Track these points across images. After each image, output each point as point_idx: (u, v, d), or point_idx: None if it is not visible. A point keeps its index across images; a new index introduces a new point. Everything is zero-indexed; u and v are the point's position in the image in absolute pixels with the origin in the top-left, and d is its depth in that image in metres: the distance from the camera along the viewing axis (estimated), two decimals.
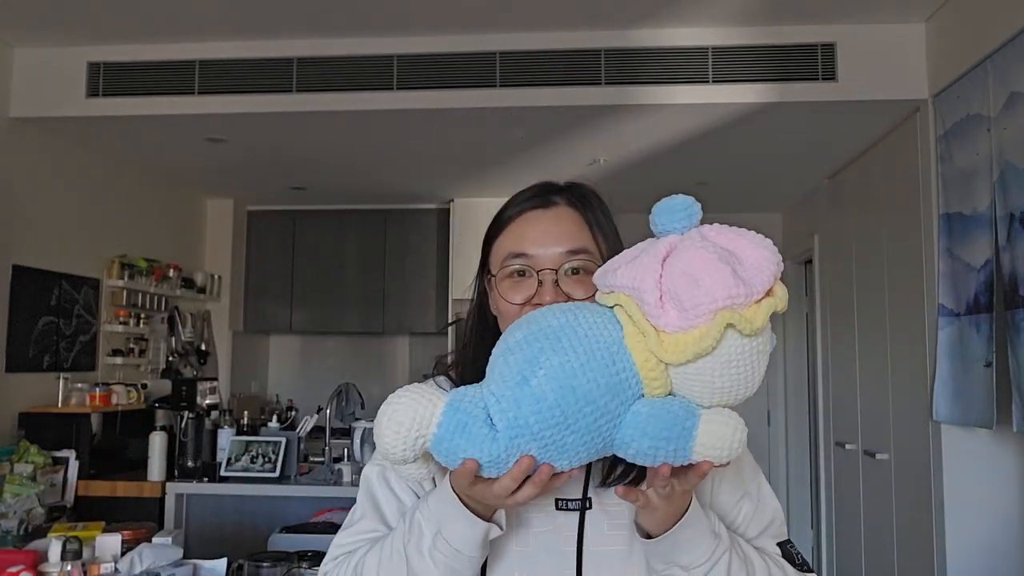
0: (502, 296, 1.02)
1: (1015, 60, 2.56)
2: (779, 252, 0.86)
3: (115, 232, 4.39)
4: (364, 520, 1.03)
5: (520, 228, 1.05)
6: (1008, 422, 2.55)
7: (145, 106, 3.54)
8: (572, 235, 1.03)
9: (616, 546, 0.98)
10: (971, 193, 2.83)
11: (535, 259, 1.02)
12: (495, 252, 1.06)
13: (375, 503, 1.04)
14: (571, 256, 1.02)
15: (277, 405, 5.59)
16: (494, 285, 1.04)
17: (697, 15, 3.20)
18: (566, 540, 0.98)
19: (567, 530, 0.98)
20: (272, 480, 3.48)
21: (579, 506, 0.99)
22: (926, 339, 3.18)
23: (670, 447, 0.83)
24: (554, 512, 0.99)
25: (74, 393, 3.76)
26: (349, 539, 1.03)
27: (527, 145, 4.00)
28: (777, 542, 1.05)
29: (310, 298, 5.59)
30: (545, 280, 1.01)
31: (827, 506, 4.63)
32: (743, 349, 0.82)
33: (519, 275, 1.02)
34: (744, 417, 0.85)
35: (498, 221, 1.08)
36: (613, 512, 0.99)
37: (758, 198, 5.22)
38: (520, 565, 0.98)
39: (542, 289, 1.00)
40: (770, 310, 0.82)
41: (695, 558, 0.94)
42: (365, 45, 3.43)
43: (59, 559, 2.15)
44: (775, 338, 0.87)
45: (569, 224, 1.04)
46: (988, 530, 2.98)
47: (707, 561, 0.94)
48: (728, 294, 0.81)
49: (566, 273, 1.02)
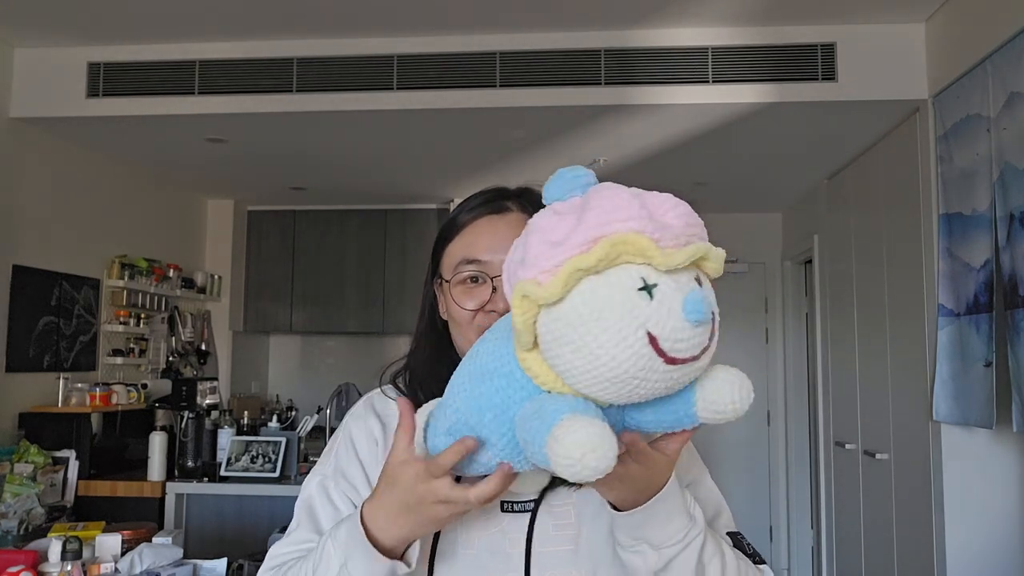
0: (455, 302, 1.02)
1: (1015, 60, 2.56)
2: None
3: (115, 232, 4.39)
4: (299, 530, 1.03)
5: (473, 234, 1.04)
6: (1008, 422, 2.55)
7: (145, 106, 3.54)
8: None
9: (563, 546, 0.98)
10: (971, 193, 2.83)
11: (489, 265, 1.01)
12: (447, 257, 1.05)
13: (312, 512, 1.04)
14: None
15: (277, 405, 5.58)
16: (446, 291, 1.04)
17: (697, 15, 3.20)
18: (512, 542, 0.97)
19: (513, 532, 0.98)
20: (272, 480, 3.48)
21: (525, 507, 0.98)
22: (926, 339, 3.18)
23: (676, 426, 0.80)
24: (499, 514, 0.98)
25: (74, 393, 3.77)
26: (283, 550, 1.01)
27: (527, 145, 4.00)
28: (729, 531, 1.02)
29: (310, 298, 5.59)
30: (499, 287, 0.98)
31: (827, 506, 4.63)
32: (659, 293, 0.70)
33: (472, 281, 1.02)
34: (744, 417, 0.83)
35: (450, 226, 1.07)
36: (558, 512, 0.99)
37: (758, 198, 5.22)
38: (465, 567, 0.97)
39: (496, 296, 1.00)
40: (695, 254, 0.72)
41: (668, 536, 0.90)
42: (365, 45, 3.43)
43: (59, 559, 2.15)
44: (714, 308, 0.74)
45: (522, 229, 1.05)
46: (988, 530, 2.98)
47: (679, 542, 0.90)
48: (629, 215, 0.71)
49: None
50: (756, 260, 5.63)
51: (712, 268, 0.76)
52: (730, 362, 0.81)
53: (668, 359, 0.70)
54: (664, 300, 0.70)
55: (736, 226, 5.60)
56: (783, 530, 5.48)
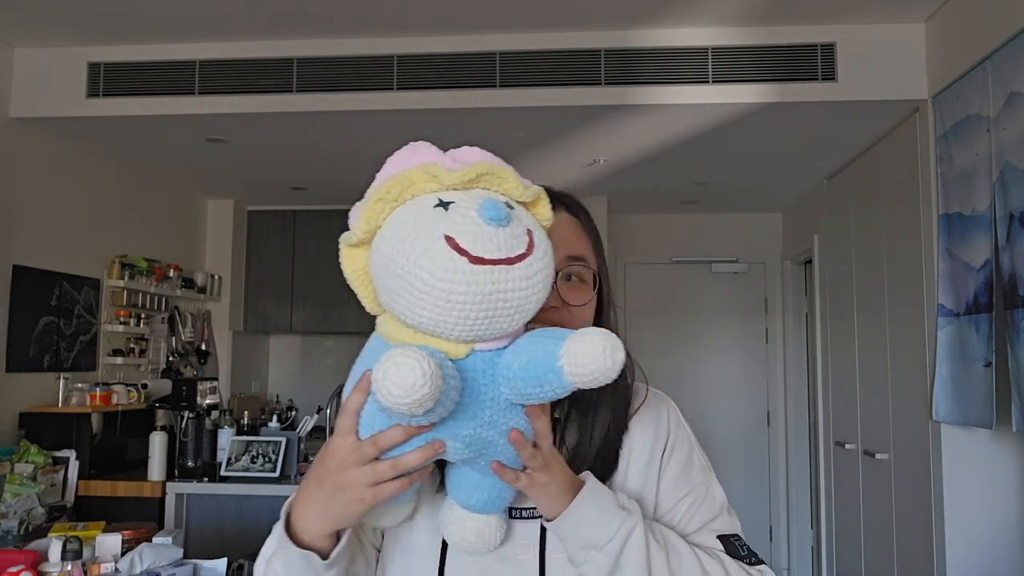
0: None
1: (1014, 60, 2.56)
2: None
3: (115, 232, 4.39)
4: None
5: None
6: (1008, 422, 2.55)
7: (145, 106, 3.54)
8: (573, 242, 1.04)
9: None
10: (970, 193, 2.83)
11: None
12: None
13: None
14: (571, 262, 1.03)
15: (277, 405, 5.58)
16: None
17: (697, 15, 3.20)
18: (521, 548, 0.97)
19: (522, 538, 0.97)
20: (272, 480, 3.48)
21: (534, 514, 0.98)
22: (926, 339, 3.18)
23: (545, 387, 0.80)
24: (508, 520, 0.98)
25: (74, 393, 3.77)
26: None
27: (527, 145, 4.00)
28: (720, 535, 1.01)
29: (310, 298, 5.59)
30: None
31: (827, 506, 4.63)
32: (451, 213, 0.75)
33: None
34: (744, 418, 0.83)
35: None
36: None
37: (758, 198, 5.22)
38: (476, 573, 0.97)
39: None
40: (477, 170, 0.77)
41: (604, 531, 0.90)
42: (365, 45, 3.43)
43: (59, 559, 2.15)
44: (530, 225, 0.78)
45: (570, 230, 1.05)
46: (988, 530, 2.98)
47: (616, 534, 0.91)
48: (423, 156, 0.79)
49: (564, 278, 1.02)
50: (756, 260, 5.63)
51: (510, 188, 0.80)
52: (730, 362, 0.82)
53: (473, 258, 0.73)
54: (459, 209, 0.75)
55: (736, 226, 5.60)
56: (783, 530, 5.48)
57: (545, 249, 0.79)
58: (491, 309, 0.75)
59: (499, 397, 0.81)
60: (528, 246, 0.76)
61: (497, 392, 0.81)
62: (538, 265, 0.77)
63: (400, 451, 0.83)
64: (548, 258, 0.79)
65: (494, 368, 0.81)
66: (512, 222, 0.76)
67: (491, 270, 0.73)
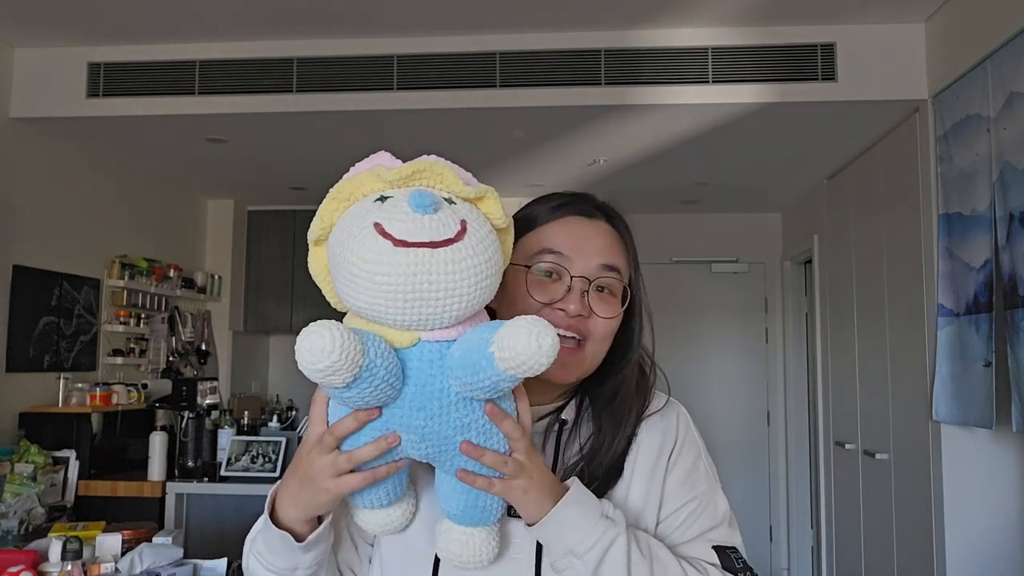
0: (528, 291, 0.99)
1: (1014, 60, 2.56)
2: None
3: (115, 232, 4.39)
4: None
5: (561, 229, 1.03)
6: (1007, 422, 2.55)
7: (145, 106, 3.54)
8: (610, 251, 1.03)
9: None
10: (970, 193, 2.83)
11: (572, 263, 1.00)
12: (521, 246, 1.01)
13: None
14: (605, 271, 1.01)
15: (277, 405, 5.58)
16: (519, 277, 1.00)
17: (697, 15, 3.20)
18: (517, 547, 0.97)
19: (517, 537, 0.97)
20: (272, 480, 3.47)
21: None
22: (926, 339, 3.18)
23: (479, 375, 0.80)
24: (505, 518, 0.97)
25: (74, 393, 3.77)
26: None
27: (527, 145, 4.00)
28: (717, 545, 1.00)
29: (310, 298, 5.58)
30: (575, 288, 0.99)
31: (827, 506, 4.63)
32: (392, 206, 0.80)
33: (547, 275, 1.00)
34: (744, 417, 0.83)
35: (530, 216, 1.05)
36: None
37: (758, 198, 5.22)
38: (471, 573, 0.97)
39: (570, 296, 0.99)
40: (416, 166, 0.83)
41: (584, 539, 0.89)
42: (365, 45, 3.43)
43: (59, 559, 2.15)
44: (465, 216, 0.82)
45: (609, 240, 1.04)
46: (988, 530, 2.98)
47: (598, 543, 0.89)
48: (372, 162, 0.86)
49: (595, 287, 1.01)
50: (756, 260, 5.63)
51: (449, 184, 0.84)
52: (730, 362, 0.82)
53: (396, 241, 0.77)
54: (393, 201, 0.80)
55: (736, 226, 5.60)
56: (783, 530, 5.48)
57: (481, 239, 0.80)
58: (417, 291, 0.77)
59: (448, 389, 0.82)
60: (458, 234, 0.79)
61: (445, 383, 0.82)
62: (467, 252, 0.79)
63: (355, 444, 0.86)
64: (485, 248, 0.80)
65: (442, 359, 0.83)
66: (441, 210, 0.79)
67: (413, 252, 0.76)
